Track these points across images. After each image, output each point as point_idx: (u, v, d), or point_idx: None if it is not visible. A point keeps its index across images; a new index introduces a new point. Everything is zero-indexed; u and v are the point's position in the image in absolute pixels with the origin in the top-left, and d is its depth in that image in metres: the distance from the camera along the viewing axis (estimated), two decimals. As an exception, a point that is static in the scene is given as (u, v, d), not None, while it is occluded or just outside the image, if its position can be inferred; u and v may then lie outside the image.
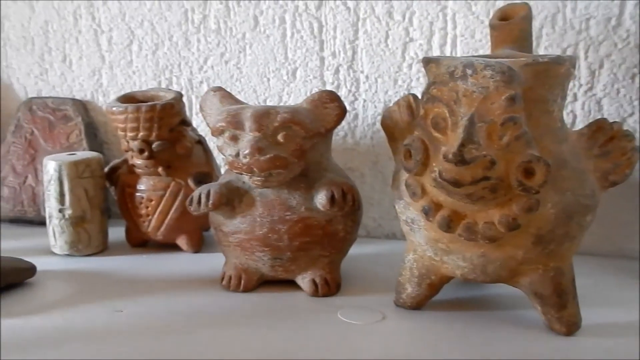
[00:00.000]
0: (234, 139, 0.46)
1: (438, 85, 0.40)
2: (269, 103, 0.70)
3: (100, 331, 0.43)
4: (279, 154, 0.45)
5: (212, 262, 0.57)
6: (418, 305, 0.46)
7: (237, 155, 0.46)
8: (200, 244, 0.62)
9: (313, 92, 0.67)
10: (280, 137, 0.45)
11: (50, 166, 0.59)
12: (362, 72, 0.66)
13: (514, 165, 0.38)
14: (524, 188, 0.38)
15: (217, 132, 0.47)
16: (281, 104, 0.70)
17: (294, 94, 0.69)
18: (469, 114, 0.38)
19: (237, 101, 0.50)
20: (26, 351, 0.40)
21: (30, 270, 0.52)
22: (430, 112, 0.40)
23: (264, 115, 0.45)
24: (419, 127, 0.42)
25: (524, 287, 0.43)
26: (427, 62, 0.44)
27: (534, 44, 0.58)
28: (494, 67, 0.38)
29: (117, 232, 0.65)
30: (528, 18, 0.50)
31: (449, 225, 0.40)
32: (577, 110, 0.61)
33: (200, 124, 0.71)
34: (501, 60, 0.39)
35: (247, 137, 0.45)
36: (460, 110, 0.38)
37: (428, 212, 0.41)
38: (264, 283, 0.51)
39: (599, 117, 0.58)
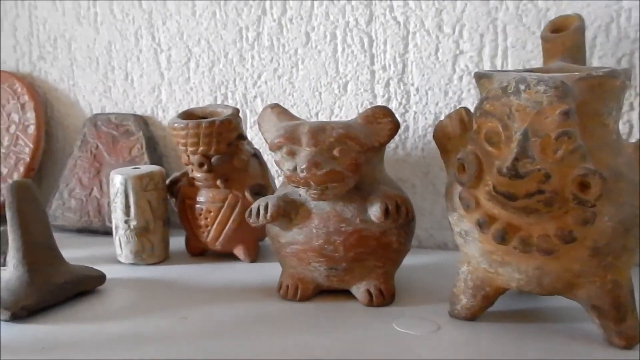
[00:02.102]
0: (291, 153, 0.48)
1: (491, 100, 0.41)
2: (320, 116, 0.72)
3: (168, 337, 0.46)
4: (335, 168, 0.47)
5: (268, 272, 0.60)
6: (473, 316, 0.47)
7: (295, 169, 0.48)
8: (256, 254, 0.64)
9: (364, 105, 0.69)
10: (335, 152, 0.47)
11: (116, 180, 0.62)
12: (412, 84, 0.67)
13: (569, 178, 0.38)
14: (580, 201, 0.38)
15: (275, 148, 0.49)
16: (333, 117, 0.71)
17: (345, 107, 0.71)
18: (523, 128, 0.39)
19: (293, 117, 0.52)
20: (101, 354, 0.43)
21: (101, 278, 0.55)
22: (484, 127, 0.41)
23: (320, 131, 0.47)
24: (472, 141, 0.43)
25: (581, 300, 0.43)
26: (479, 77, 0.45)
27: (587, 53, 0.58)
28: (547, 82, 0.39)
29: (176, 242, 0.67)
30: (580, 29, 0.50)
31: (503, 237, 0.41)
32: (634, 120, 0.60)
33: (254, 137, 0.73)
34: (554, 75, 0.40)
35: (304, 152, 0.47)
36: (514, 125, 0.39)
37: (482, 225, 0.42)
38: (320, 292, 0.53)
39: (657, 126, 0.57)
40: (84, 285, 0.53)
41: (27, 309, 0.48)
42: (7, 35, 0.87)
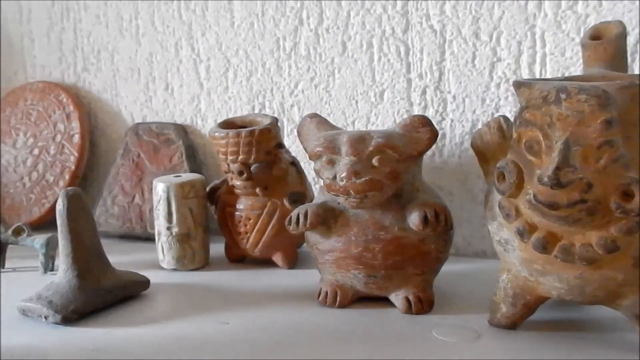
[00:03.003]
0: (331, 162, 0.49)
1: (531, 109, 0.41)
2: (357, 124, 0.73)
3: (212, 341, 0.47)
4: (374, 177, 0.48)
5: (306, 278, 0.60)
6: (513, 325, 0.47)
7: (334, 178, 0.48)
8: (294, 261, 0.65)
9: (400, 112, 0.69)
10: (375, 161, 0.48)
11: (159, 187, 0.64)
12: (449, 92, 0.68)
13: (612, 188, 0.38)
14: (623, 210, 0.38)
15: (315, 157, 0.50)
16: (369, 125, 0.72)
17: (382, 115, 0.71)
18: (564, 137, 0.39)
19: (332, 127, 0.53)
20: (149, 357, 0.44)
21: (145, 283, 0.57)
22: (524, 136, 0.41)
23: (359, 141, 0.48)
24: (512, 150, 0.43)
25: (624, 309, 0.42)
26: (519, 85, 0.45)
27: (629, 59, 0.57)
28: (588, 91, 0.38)
29: (215, 248, 0.69)
30: (622, 36, 0.49)
31: (544, 246, 0.40)
32: (677, 126, 0.59)
33: (291, 145, 0.74)
34: (595, 83, 0.40)
35: (344, 161, 0.48)
36: (555, 134, 0.39)
37: (523, 234, 0.42)
38: (359, 299, 0.53)
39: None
40: (130, 290, 0.55)
41: (77, 313, 0.50)
42: (53, 47, 0.91)
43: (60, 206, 0.52)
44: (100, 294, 0.52)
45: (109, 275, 0.54)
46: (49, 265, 0.64)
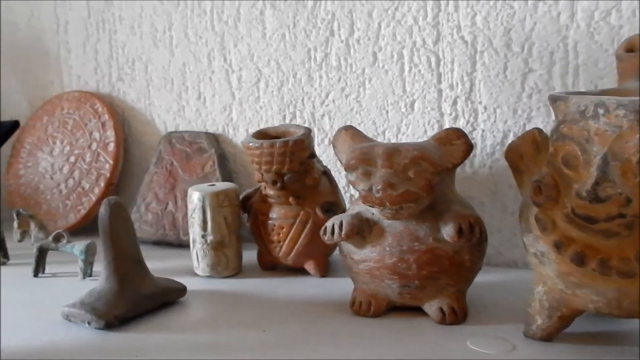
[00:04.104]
0: (367, 174, 0.50)
1: (568, 123, 0.41)
2: (387, 134, 0.73)
3: (250, 348, 0.48)
4: (410, 189, 0.48)
5: (338, 287, 0.61)
6: (549, 337, 0.47)
7: (370, 189, 0.49)
8: (326, 269, 0.66)
9: (431, 123, 0.70)
10: (410, 173, 0.48)
11: (194, 196, 0.66)
12: (480, 102, 0.68)
13: (651, 202, 0.38)
14: (662, 225, 0.38)
15: (350, 168, 0.51)
16: (399, 135, 0.73)
17: (412, 126, 0.72)
18: (602, 152, 0.39)
19: (367, 139, 0.54)
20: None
21: (182, 290, 0.58)
22: (561, 150, 0.42)
23: (394, 153, 0.49)
24: (548, 163, 0.43)
25: (662, 324, 0.42)
26: (555, 99, 0.45)
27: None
28: (627, 106, 0.39)
29: (247, 256, 0.70)
30: (658, 49, 0.49)
31: (582, 260, 0.41)
32: None
33: (321, 155, 0.75)
34: (633, 98, 0.40)
35: (380, 173, 0.49)
36: (593, 149, 0.39)
37: (559, 247, 0.42)
38: (392, 309, 0.54)
39: None
40: (168, 297, 0.57)
41: (119, 319, 0.51)
42: (89, 58, 0.93)
43: (102, 214, 0.54)
44: (140, 301, 0.54)
45: (148, 282, 0.56)
46: (87, 271, 0.66)
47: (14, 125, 0.60)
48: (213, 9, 0.82)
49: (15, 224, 0.69)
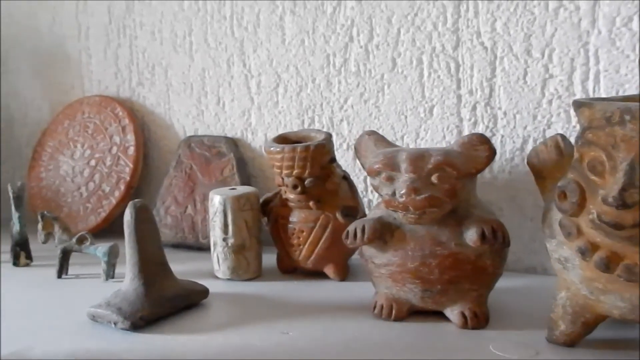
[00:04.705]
0: (390, 179, 0.50)
1: (594, 130, 0.42)
2: (406, 139, 0.74)
3: (273, 351, 0.48)
4: (433, 194, 0.49)
5: (358, 290, 0.62)
6: (572, 342, 0.47)
7: (393, 194, 0.50)
8: (346, 273, 0.67)
9: (450, 128, 0.70)
10: (434, 178, 0.49)
11: (216, 200, 0.66)
12: (499, 108, 0.68)
13: (678, 208, 0.38)
14: (689, 231, 0.38)
15: (374, 173, 0.51)
16: (418, 140, 0.73)
17: (431, 131, 0.72)
18: (629, 158, 0.39)
19: (390, 144, 0.54)
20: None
21: (205, 292, 0.59)
22: (586, 156, 0.42)
23: (418, 158, 0.49)
24: (573, 169, 0.43)
25: (688, 330, 0.42)
26: (579, 105, 0.45)
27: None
28: (654, 112, 0.39)
29: (266, 259, 0.71)
30: (682, 56, 0.49)
31: (607, 266, 0.41)
32: None
33: (339, 159, 0.76)
34: (660, 104, 0.40)
35: (403, 178, 0.49)
36: (619, 155, 0.40)
37: (585, 253, 0.42)
38: (413, 313, 0.54)
39: None
40: (191, 299, 0.57)
41: (144, 320, 0.52)
42: (110, 63, 0.95)
43: (128, 217, 0.54)
44: (164, 302, 0.54)
45: (172, 284, 0.56)
46: (110, 273, 0.67)
47: None
48: (233, 15, 0.83)
49: (40, 226, 0.70)
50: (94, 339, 0.51)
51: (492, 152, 0.51)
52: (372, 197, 0.77)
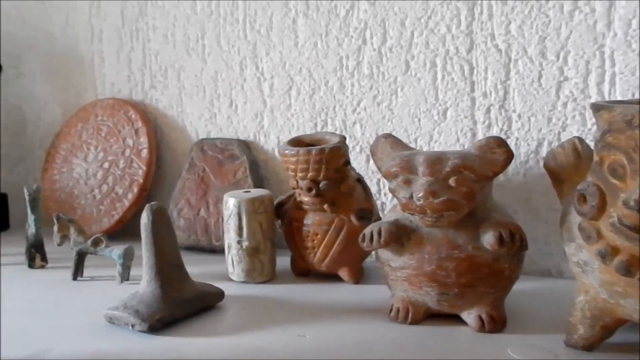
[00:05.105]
0: (407, 182, 0.50)
1: (614, 133, 0.41)
2: (419, 142, 0.74)
3: (290, 353, 0.48)
4: (451, 197, 0.49)
5: (372, 293, 0.62)
6: (591, 346, 0.47)
7: (411, 197, 0.50)
8: (360, 276, 0.67)
9: (464, 131, 0.70)
10: (452, 182, 0.49)
11: (230, 202, 0.67)
12: (514, 111, 0.68)
13: (700, 212, 0.38)
14: None
15: (391, 176, 0.51)
16: (432, 143, 0.73)
17: (445, 134, 0.72)
18: (650, 161, 0.39)
19: (406, 147, 0.54)
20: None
21: (220, 295, 0.59)
22: (606, 159, 0.42)
23: (436, 161, 0.49)
24: (592, 172, 0.43)
25: None
26: (598, 108, 0.45)
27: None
28: (675, 115, 0.39)
29: (279, 262, 0.71)
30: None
31: (627, 269, 0.41)
32: None
33: (352, 162, 0.76)
34: (681, 107, 0.40)
35: (421, 181, 0.49)
36: (640, 158, 0.39)
37: (605, 256, 0.42)
38: (429, 316, 0.54)
39: None
40: (207, 301, 0.58)
41: (162, 322, 0.52)
42: (123, 66, 0.95)
43: (145, 220, 0.55)
44: (181, 304, 0.55)
45: (188, 287, 0.56)
46: (125, 275, 0.67)
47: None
48: (246, 18, 0.83)
49: (55, 228, 0.70)
50: (111, 340, 0.52)
51: (510, 155, 0.51)
52: (385, 200, 0.77)
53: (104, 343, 0.51)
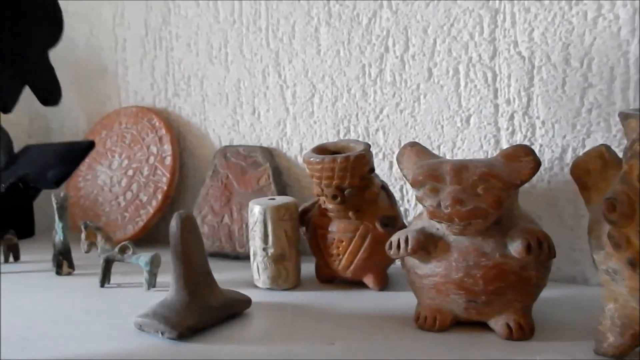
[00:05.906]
0: (434, 190, 0.51)
1: (644, 141, 0.41)
2: (442, 149, 0.74)
3: (319, 361, 0.49)
4: (478, 205, 0.49)
5: (398, 300, 0.62)
6: (621, 355, 0.46)
7: (438, 205, 0.50)
8: (385, 282, 0.67)
9: (487, 137, 0.70)
10: (479, 190, 0.49)
11: (255, 210, 0.67)
12: (537, 117, 0.68)
13: None
14: None
15: (418, 184, 0.52)
16: (455, 149, 0.73)
17: (468, 140, 0.72)
18: (682, 170, 0.39)
19: (433, 155, 0.55)
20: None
21: (248, 302, 0.60)
22: (636, 168, 0.42)
23: (463, 169, 0.49)
24: (622, 180, 0.43)
25: None
26: (626, 117, 0.45)
27: None
28: None
29: (304, 269, 0.71)
30: None
31: (659, 278, 0.41)
32: None
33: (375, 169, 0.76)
34: None
35: (448, 189, 0.50)
36: (671, 167, 0.39)
37: (635, 264, 0.42)
38: (457, 324, 0.55)
39: None
40: (235, 309, 0.58)
41: (191, 329, 0.53)
42: (146, 74, 0.96)
43: (173, 228, 0.56)
44: (209, 312, 0.55)
45: (216, 294, 0.57)
46: (152, 282, 0.68)
47: (90, 146, 0.61)
48: (268, 26, 0.84)
49: (83, 236, 0.71)
50: (141, 347, 0.52)
51: (537, 164, 0.51)
52: (408, 206, 0.77)
53: (134, 350, 0.52)
